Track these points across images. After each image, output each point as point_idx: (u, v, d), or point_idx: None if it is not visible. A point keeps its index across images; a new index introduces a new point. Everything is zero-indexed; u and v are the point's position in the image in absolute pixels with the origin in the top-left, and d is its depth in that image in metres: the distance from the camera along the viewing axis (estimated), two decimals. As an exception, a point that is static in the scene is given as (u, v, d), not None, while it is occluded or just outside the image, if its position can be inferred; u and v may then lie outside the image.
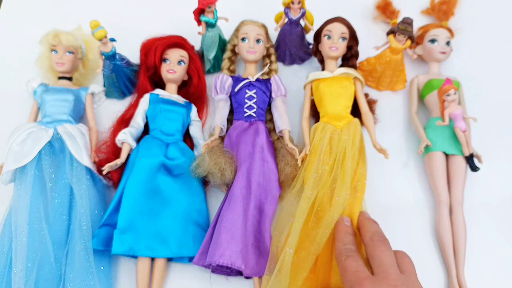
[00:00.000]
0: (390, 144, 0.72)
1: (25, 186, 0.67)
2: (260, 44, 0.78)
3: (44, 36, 0.77)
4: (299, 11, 0.78)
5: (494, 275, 0.69)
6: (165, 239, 0.65)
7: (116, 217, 0.65)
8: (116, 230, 0.64)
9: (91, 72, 0.83)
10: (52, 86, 0.77)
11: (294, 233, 0.63)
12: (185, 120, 0.75)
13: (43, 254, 0.63)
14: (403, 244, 0.71)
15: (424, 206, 0.74)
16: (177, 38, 0.77)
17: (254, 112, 0.75)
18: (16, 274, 0.61)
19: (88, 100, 0.78)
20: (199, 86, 0.79)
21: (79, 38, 0.78)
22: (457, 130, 0.72)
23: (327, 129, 0.70)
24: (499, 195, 0.75)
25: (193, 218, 0.68)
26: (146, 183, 0.67)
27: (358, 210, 0.65)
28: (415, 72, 0.84)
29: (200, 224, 0.69)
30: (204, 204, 0.71)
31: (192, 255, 0.65)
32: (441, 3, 0.90)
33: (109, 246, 0.64)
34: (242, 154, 0.70)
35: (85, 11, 0.93)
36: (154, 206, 0.67)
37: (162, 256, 0.65)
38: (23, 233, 0.63)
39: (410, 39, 0.76)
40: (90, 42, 0.80)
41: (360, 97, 0.75)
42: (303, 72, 0.85)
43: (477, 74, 0.86)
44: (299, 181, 0.68)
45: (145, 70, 0.77)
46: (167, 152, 0.71)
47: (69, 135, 0.71)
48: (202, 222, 0.69)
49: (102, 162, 0.70)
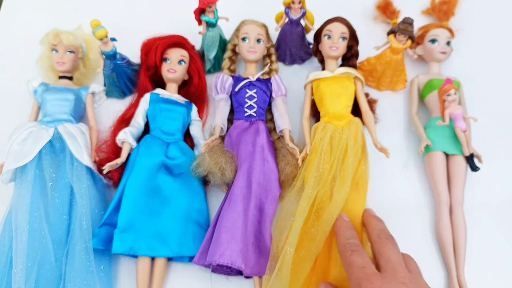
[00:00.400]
0: (391, 144, 0.72)
1: (26, 185, 0.67)
2: (260, 44, 0.78)
3: (45, 35, 0.77)
4: (299, 11, 0.78)
5: (494, 275, 0.69)
6: (165, 239, 0.65)
7: (117, 217, 0.65)
8: (117, 230, 0.64)
9: (91, 71, 0.83)
10: (52, 85, 0.77)
11: (295, 232, 0.63)
12: (186, 119, 0.75)
13: (44, 253, 0.63)
14: (403, 244, 0.71)
15: (424, 206, 0.74)
16: (177, 38, 0.77)
17: (255, 111, 0.75)
18: (16, 274, 0.61)
19: (89, 99, 0.78)
20: (199, 85, 0.79)
21: (80, 37, 0.78)
22: (458, 130, 0.72)
23: (327, 129, 0.70)
24: (499, 195, 0.75)
25: (193, 217, 0.68)
26: (147, 182, 0.67)
27: (361, 207, 0.65)
28: (415, 72, 0.84)
29: (200, 223, 0.69)
30: (205, 204, 0.71)
31: (192, 254, 0.65)
32: (441, 3, 0.90)
33: (109, 245, 0.64)
34: (242, 153, 0.70)
35: (85, 11, 0.93)
36: (155, 206, 0.67)
37: (163, 256, 0.65)
38: (23, 232, 0.63)
39: (410, 39, 0.76)
40: (91, 42, 0.80)
41: (361, 97, 0.75)
42: (303, 72, 0.85)
43: (477, 74, 0.86)
44: (300, 180, 0.68)
45: (145, 69, 0.77)
46: (168, 152, 0.71)
47: (69, 135, 0.71)
48: (202, 221, 0.69)
49: (103, 161, 0.70)
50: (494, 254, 0.70)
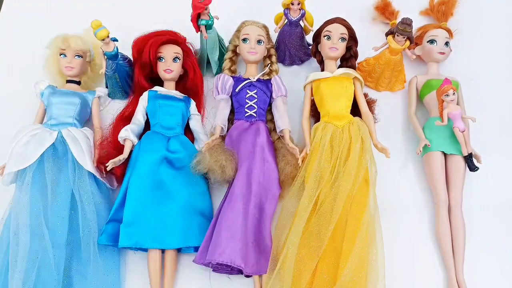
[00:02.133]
0: (389, 144, 0.73)
1: (26, 188, 0.67)
2: (261, 45, 0.79)
3: (53, 40, 0.77)
4: (298, 12, 0.78)
5: (492, 274, 0.70)
6: (171, 231, 0.66)
7: (122, 213, 0.66)
8: (122, 224, 0.65)
9: (98, 75, 0.83)
10: (59, 88, 0.77)
11: (296, 231, 0.63)
12: (185, 113, 0.76)
13: (43, 255, 0.64)
14: (402, 243, 0.72)
15: (423, 206, 0.75)
16: (169, 35, 0.77)
17: (255, 112, 0.75)
18: (14, 275, 0.61)
19: (95, 103, 0.78)
20: (195, 80, 0.79)
21: (88, 41, 0.78)
22: (456, 130, 0.72)
23: (328, 129, 0.71)
24: (498, 195, 0.76)
25: (197, 208, 0.69)
26: (150, 177, 0.68)
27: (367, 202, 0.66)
28: (414, 73, 0.84)
29: (204, 214, 0.70)
30: (208, 195, 0.72)
31: (198, 244, 0.66)
32: (440, 4, 0.91)
33: (117, 241, 0.65)
34: (242, 153, 0.70)
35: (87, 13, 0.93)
36: (158, 199, 0.68)
37: (169, 247, 0.66)
38: (23, 234, 0.64)
39: (409, 39, 0.77)
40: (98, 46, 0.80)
41: (360, 97, 0.76)
42: (302, 73, 0.85)
43: (476, 74, 0.86)
44: (300, 179, 0.69)
45: (140, 68, 0.77)
46: (169, 146, 0.72)
47: (73, 139, 0.71)
48: (206, 212, 0.70)
49: (104, 159, 0.70)
50: (492, 253, 0.71)
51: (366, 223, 0.64)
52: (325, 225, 0.64)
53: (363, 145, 0.70)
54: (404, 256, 0.70)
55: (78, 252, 0.66)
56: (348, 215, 0.65)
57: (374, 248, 0.64)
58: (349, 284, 0.61)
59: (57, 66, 0.78)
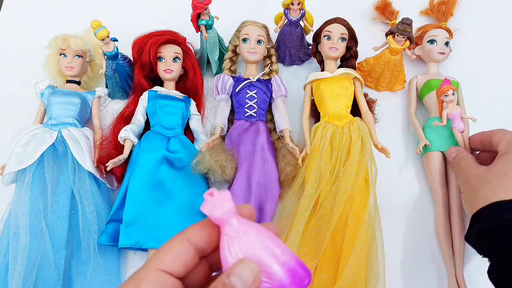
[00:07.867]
0: (389, 144, 0.73)
1: (26, 188, 0.67)
2: (261, 44, 0.79)
3: (53, 39, 0.77)
4: (298, 12, 0.78)
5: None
6: (171, 230, 0.66)
7: (122, 213, 0.66)
8: (122, 224, 0.65)
9: (98, 75, 0.83)
10: (59, 88, 0.77)
11: (296, 230, 0.63)
12: (185, 113, 0.76)
13: (43, 256, 0.64)
14: (402, 243, 0.72)
15: (422, 206, 0.75)
16: (169, 35, 0.77)
17: (255, 112, 0.75)
18: (14, 275, 0.61)
19: (95, 104, 0.78)
20: (195, 80, 0.80)
21: (88, 41, 0.79)
22: (455, 131, 0.72)
23: (328, 129, 0.71)
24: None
25: (198, 208, 0.69)
26: (150, 176, 0.68)
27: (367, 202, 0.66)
28: (414, 73, 0.84)
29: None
30: None
31: None
32: (440, 4, 0.91)
33: (117, 241, 0.65)
34: (242, 153, 0.70)
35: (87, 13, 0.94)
36: (159, 199, 0.68)
37: None
38: (23, 235, 0.64)
39: (409, 39, 0.77)
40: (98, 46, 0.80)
41: (360, 97, 0.76)
42: (303, 73, 0.85)
43: (476, 74, 0.86)
44: (300, 179, 0.69)
45: (139, 68, 0.77)
46: (169, 146, 0.72)
47: (73, 139, 0.71)
48: None
49: (104, 159, 0.70)
50: (492, 253, 0.71)
51: (366, 223, 0.64)
52: (325, 225, 0.64)
53: (363, 145, 0.70)
54: (404, 256, 0.71)
55: (78, 252, 0.66)
56: (348, 215, 0.65)
57: (374, 248, 0.64)
58: (349, 284, 0.61)
59: (57, 66, 0.78)
